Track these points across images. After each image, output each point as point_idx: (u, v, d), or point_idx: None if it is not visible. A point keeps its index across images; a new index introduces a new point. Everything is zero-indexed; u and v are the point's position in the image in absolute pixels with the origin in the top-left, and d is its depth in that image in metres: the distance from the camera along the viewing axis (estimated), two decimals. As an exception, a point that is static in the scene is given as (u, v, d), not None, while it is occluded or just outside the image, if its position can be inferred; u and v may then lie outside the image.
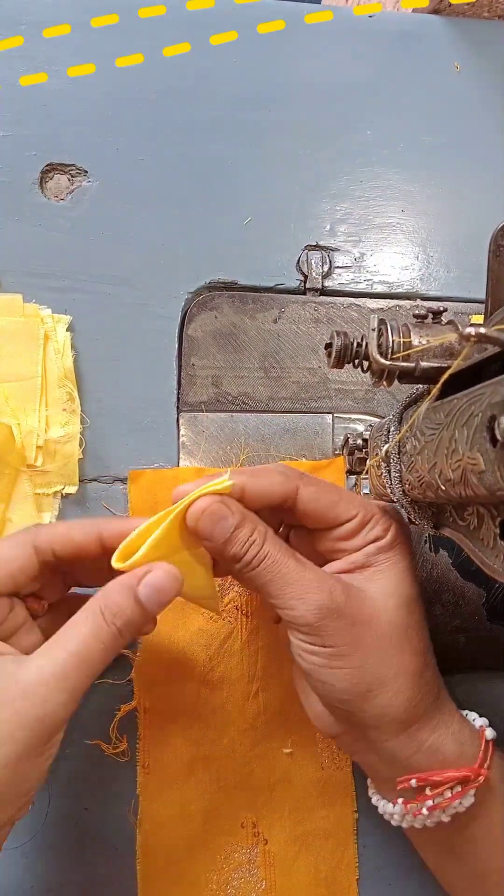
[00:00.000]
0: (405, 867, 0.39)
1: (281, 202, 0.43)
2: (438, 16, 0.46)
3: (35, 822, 0.38)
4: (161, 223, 0.42)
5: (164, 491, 0.39)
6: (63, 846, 0.37)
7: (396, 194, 0.44)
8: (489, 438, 0.19)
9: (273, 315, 0.42)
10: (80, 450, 0.39)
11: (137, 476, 0.39)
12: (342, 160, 0.44)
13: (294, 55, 0.44)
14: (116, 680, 0.38)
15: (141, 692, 0.38)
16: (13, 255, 0.40)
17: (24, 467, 0.38)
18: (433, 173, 0.44)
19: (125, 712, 0.38)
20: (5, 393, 0.38)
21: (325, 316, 0.42)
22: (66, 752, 0.38)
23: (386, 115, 0.44)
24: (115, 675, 0.38)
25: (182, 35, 0.43)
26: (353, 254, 0.43)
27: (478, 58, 0.46)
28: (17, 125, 0.41)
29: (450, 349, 0.26)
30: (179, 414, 0.41)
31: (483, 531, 0.23)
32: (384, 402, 0.42)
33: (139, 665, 0.38)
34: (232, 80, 0.43)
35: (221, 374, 0.41)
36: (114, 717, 0.38)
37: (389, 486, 0.29)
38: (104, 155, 0.42)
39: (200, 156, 0.43)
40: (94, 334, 0.40)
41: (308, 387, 0.42)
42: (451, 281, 0.44)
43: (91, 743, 0.38)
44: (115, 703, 0.38)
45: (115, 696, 0.38)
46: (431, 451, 0.24)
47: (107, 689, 0.38)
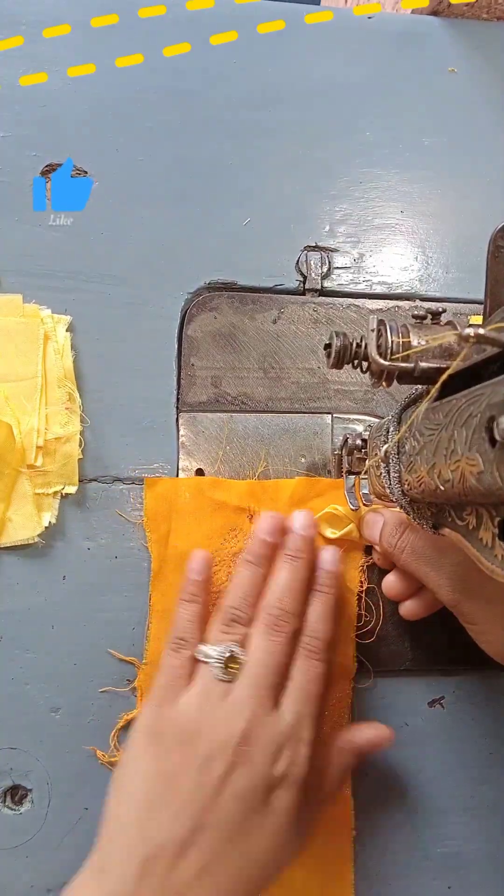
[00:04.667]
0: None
1: (281, 202, 0.43)
2: (438, 17, 0.46)
3: (35, 822, 0.38)
4: (161, 223, 0.42)
5: (180, 498, 0.39)
6: (63, 846, 0.37)
7: (395, 195, 0.44)
8: (488, 439, 0.19)
9: (272, 315, 0.42)
10: (79, 450, 0.39)
11: (154, 483, 0.39)
12: (342, 161, 0.44)
13: (294, 55, 0.44)
14: (120, 688, 0.38)
15: (144, 701, 0.38)
16: (13, 255, 0.40)
17: (24, 467, 0.38)
18: (432, 174, 0.44)
19: (126, 721, 0.38)
20: (5, 393, 0.38)
21: (324, 316, 0.43)
22: (67, 751, 0.38)
23: (386, 116, 0.44)
24: (124, 675, 0.39)
25: (182, 35, 0.43)
26: (353, 254, 0.43)
27: (477, 59, 0.46)
28: (17, 125, 0.41)
29: (449, 350, 0.26)
30: (179, 414, 0.41)
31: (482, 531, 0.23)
32: (383, 402, 0.42)
33: (145, 673, 0.38)
34: (232, 80, 0.43)
35: (221, 375, 0.41)
36: (115, 724, 0.38)
37: (389, 487, 0.29)
38: (104, 155, 0.42)
39: (200, 156, 0.43)
40: (94, 334, 0.40)
41: (307, 387, 0.42)
42: (450, 282, 0.44)
43: (89, 748, 0.38)
44: (118, 709, 0.38)
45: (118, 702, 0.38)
46: (430, 451, 0.24)
47: (110, 695, 0.38)
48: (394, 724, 0.40)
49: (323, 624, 0.35)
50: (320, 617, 0.35)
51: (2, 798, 0.38)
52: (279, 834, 0.31)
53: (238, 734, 0.31)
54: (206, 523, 0.39)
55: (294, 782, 0.32)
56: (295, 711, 0.33)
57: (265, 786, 0.31)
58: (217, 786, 0.31)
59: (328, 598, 0.36)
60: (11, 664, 0.38)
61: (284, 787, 0.32)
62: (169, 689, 0.33)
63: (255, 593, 0.35)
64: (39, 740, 0.38)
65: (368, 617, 0.40)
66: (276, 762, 0.32)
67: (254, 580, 0.35)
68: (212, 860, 0.30)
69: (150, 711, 0.33)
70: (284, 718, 0.33)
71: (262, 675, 0.33)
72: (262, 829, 0.31)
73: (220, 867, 0.30)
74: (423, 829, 0.40)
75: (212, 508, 0.39)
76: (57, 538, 0.39)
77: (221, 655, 0.33)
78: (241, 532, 0.39)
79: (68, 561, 0.39)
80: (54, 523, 0.39)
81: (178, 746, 0.32)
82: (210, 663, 0.33)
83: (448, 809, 0.40)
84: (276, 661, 0.33)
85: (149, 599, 0.39)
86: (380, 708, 0.40)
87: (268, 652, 0.33)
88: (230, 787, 0.31)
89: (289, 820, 0.32)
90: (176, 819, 0.30)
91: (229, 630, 0.34)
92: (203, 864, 0.30)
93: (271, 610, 0.34)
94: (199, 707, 0.32)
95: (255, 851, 0.31)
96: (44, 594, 0.39)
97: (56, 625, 0.38)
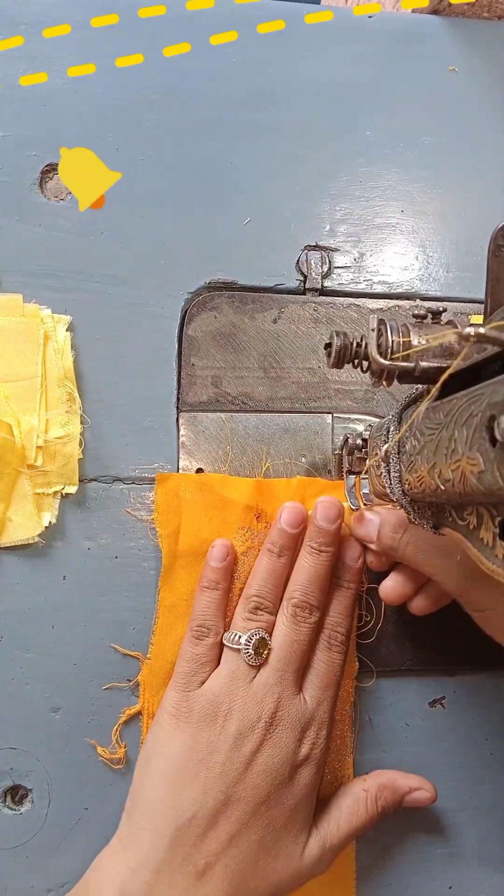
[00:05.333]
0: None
1: (281, 202, 0.43)
2: (438, 16, 0.46)
3: (35, 822, 0.38)
4: (161, 223, 0.42)
5: (191, 494, 0.39)
6: (63, 846, 0.37)
7: (396, 194, 0.44)
8: (488, 438, 0.19)
9: (273, 315, 0.42)
10: (80, 450, 0.39)
11: (165, 479, 0.39)
12: (342, 160, 0.44)
13: (294, 55, 0.44)
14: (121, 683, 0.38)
15: (147, 696, 0.38)
16: (13, 255, 0.40)
17: (24, 467, 0.38)
18: (433, 173, 0.44)
19: (128, 717, 0.38)
20: (5, 393, 0.38)
21: (324, 316, 0.42)
22: (67, 751, 0.38)
23: (386, 115, 0.44)
24: (124, 675, 0.39)
25: (182, 35, 0.43)
26: (353, 254, 0.43)
27: (478, 58, 0.46)
28: (17, 125, 0.41)
29: (449, 349, 0.26)
30: (179, 414, 0.41)
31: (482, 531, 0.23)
32: (384, 402, 0.42)
33: (148, 668, 0.38)
34: (232, 80, 0.43)
35: (221, 374, 0.41)
36: (116, 720, 0.38)
37: (389, 486, 0.29)
38: (104, 155, 0.42)
39: (200, 156, 0.43)
40: (94, 334, 0.40)
41: (308, 387, 0.42)
42: (451, 281, 0.44)
43: (89, 741, 0.38)
44: (118, 709, 0.38)
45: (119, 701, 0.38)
46: (431, 451, 0.24)
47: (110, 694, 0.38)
48: (394, 724, 0.40)
49: (345, 619, 0.37)
50: (342, 611, 0.37)
51: (2, 798, 0.38)
52: (299, 808, 0.34)
53: (269, 714, 0.34)
54: (217, 519, 0.39)
55: (316, 761, 0.35)
56: (316, 697, 0.35)
57: (291, 763, 0.34)
58: (247, 761, 0.33)
59: (351, 594, 0.38)
60: (11, 664, 0.38)
61: (307, 765, 0.35)
62: (192, 675, 0.35)
63: (278, 583, 0.37)
64: (39, 740, 0.38)
65: (368, 617, 0.40)
66: (301, 742, 0.34)
67: (276, 569, 0.37)
68: (239, 830, 0.32)
69: (174, 695, 0.35)
70: (307, 703, 0.35)
71: (288, 661, 0.35)
72: (285, 804, 0.34)
73: (245, 837, 0.32)
74: (424, 829, 0.40)
75: (221, 505, 0.39)
76: (57, 538, 0.39)
77: (250, 641, 0.35)
78: (249, 531, 0.39)
79: (68, 561, 0.39)
80: (54, 523, 0.39)
81: (208, 725, 0.34)
82: (240, 649, 0.35)
83: (448, 809, 0.40)
84: (301, 648, 0.36)
85: (157, 594, 0.39)
86: (380, 708, 0.40)
87: (294, 640, 0.35)
88: (260, 763, 0.33)
89: (308, 795, 0.34)
90: (207, 792, 0.32)
91: (255, 617, 0.36)
92: (231, 835, 0.32)
93: (298, 601, 0.36)
94: (228, 688, 0.34)
95: (277, 824, 0.33)
96: (44, 594, 0.39)
97: (56, 625, 0.38)
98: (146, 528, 0.40)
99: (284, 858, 0.33)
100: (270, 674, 0.35)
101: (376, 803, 0.36)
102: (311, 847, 0.34)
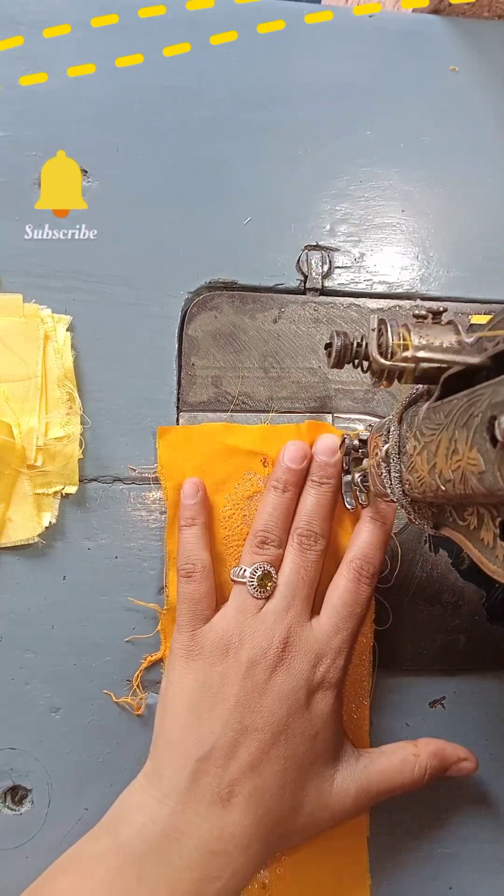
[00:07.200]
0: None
1: (281, 202, 0.43)
2: (438, 16, 0.46)
3: (35, 822, 0.38)
4: (161, 223, 0.42)
5: (192, 446, 0.39)
6: (63, 846, 0.37)
7: (396, 194, 0.44)
8: (489, 439, 0.19)
9: (273, 315, 0.42)
10: (80, 450, 0.39)
11: (165, 431, 0.40)
12: (342, 160, 0.44)
13: (294, 55, 0.44)
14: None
15: (169, 643, 0.38)
16: (13, 255, 0.40)
17: (23, 467, 0.38)
18: (433, 173, 0.44)
19: (150, 663, 0.38)
20: (5, 393, 0.38)
21: (324, 316, 0.42)
22: (67, 751, 0.38)
23: (386, 115, 0.44)
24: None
25: (182, 35, 0.43)
26: (353, 254, 0.43)
27: (478, 58, 0.46)
28: (17, 125, 0.41)
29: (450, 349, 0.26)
30: (180, 414, 0.41)
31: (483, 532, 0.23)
32: (384, 402, 0.42)
33: (167, 619, 0.38)
34: (232, 80, 0.43)
35: (221, 374, 0.41)
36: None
37: (389, 487, 0.29)
38: (104, 155, 0.42)
39: (200, 156, 0.43)
40: (94, 334, 0.40)
41: (308, 387, 0.42)
42: (451, 281, 0.44)
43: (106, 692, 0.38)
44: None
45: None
46: (431, 451, 0.24)
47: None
48: (394, 724, 0.40)
49: (377, 552, 0.36)
50: (375, 544, 0.36)
51: (2, 798, 0.38)
52: (320, 738, 0.34)
53: (278, 641, 0.34)
54: (220, 468, 0.39)
55: (333, 688, 0.35)
56: (335, 625, 0.35)
57: (307, 688, 0.34)
58: (261, 689, 0.33)
59: (382, 527, 0.37)
60: (11, 664, 0.38)
61: (323, 690, 0.34)
62: (192, 614, 0.35)
63: (283, 517, 0.37)
64: (39, 740, 0.38)
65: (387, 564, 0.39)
66: (315, 667, 0.34)
67: (281, 504, 0.37)
68: (259, 759, 0.33)
69: (181, 637, 0.35)
70: (322, 629, 0.35)
71: (296, 588, 0.35)
72: (305, 732, 0.34)
73: (268, 766, 0.33)
74: (424, 830, 0.40)
75: (225, 454, 0.39)
76: (57, 538, 0.39)
77: (255, 573, 0.35)
78: (254, 476, 0.39)
79: (68, 561, 0.39)
80: (54, 523, 0.39)
81: (219, 658, 0.34)
82: (245, 582, 0.35)
83: (448, 809, 0.40)
84: (309, 576, 0.36)
85: (165, 547, 0.39)
86: (380, 708, 0.40)
87: (300, 566, 0.36)
88: (273, 689, 0.33)
89: (328, 724, 0.34)
90: (225, 724, 0.33)
91: (261, 551, 0.36)
92: (251, 763, 0.33)
93: (302, 530, 0.36)
94: (236, 620, 0.35)
95: (300, 753, 0.33)
96: (44, 594, 0.39)
97: (56, 625, 0.38)
98: (146, 528, 0.40)
99: (313, 790, 0.33)
100: (279, 601, 0.35)
101: (424, 770, 0.36)
102: (342, 782, 0.34)
